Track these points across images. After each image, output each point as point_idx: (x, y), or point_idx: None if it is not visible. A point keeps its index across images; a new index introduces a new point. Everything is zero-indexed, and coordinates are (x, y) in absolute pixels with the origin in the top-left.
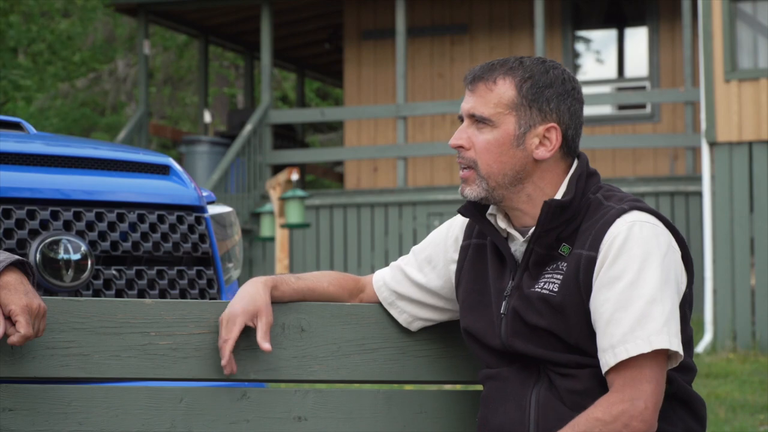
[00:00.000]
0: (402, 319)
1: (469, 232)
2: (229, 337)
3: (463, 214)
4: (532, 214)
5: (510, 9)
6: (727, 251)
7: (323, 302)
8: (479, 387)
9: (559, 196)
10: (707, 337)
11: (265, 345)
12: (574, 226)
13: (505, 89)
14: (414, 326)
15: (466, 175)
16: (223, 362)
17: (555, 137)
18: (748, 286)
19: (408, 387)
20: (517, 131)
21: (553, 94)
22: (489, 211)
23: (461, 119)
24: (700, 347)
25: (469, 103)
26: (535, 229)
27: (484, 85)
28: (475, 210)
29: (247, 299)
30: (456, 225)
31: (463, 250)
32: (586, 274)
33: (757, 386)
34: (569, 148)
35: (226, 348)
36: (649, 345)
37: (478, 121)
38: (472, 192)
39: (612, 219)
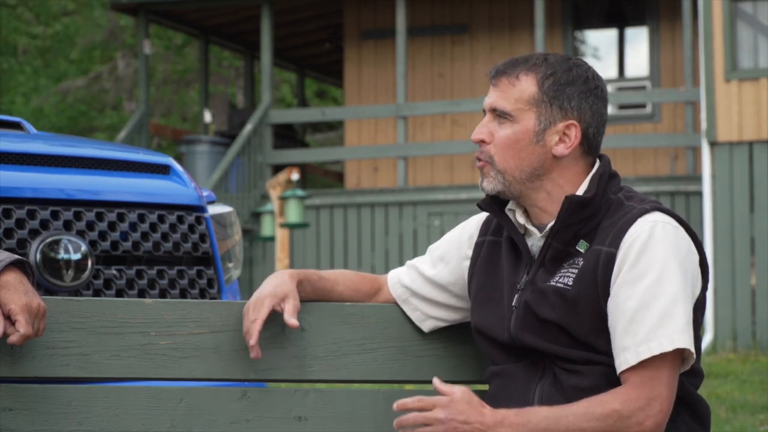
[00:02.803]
0: (415, 317)
1: (484, 230)
2: (258, 317)
3: (482, 208)
4: (551, 211)
5: (510, 9)
6: (727, 251)
7: (323, 302)
8: (480, 387)
9: (580, 193)
10: (707, 337)
11: (292, 321)
12: (593, 224)
13: (527, 85)
14: (426, 325)
15: (481, 165)
16: (252, 342)
17: (574, 134)
18: (748, 286)
19: (408, 387)
20: (536, 127)
21: (575, 92)
22: (509, 206)
23: (484, 113)
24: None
25: (491, 98)
26: (554, 224)
27: (507, 80)
28: (494, 204)
29: (275, 284)
30: (471, 223)
31: (477, 247)
32: (604, 270)
33: (758, 386)
34: (590, 147)
35: (255, 328)
36: (672, 344)
37: (499, 115)
38: (489, 185)
39: (634, 218)
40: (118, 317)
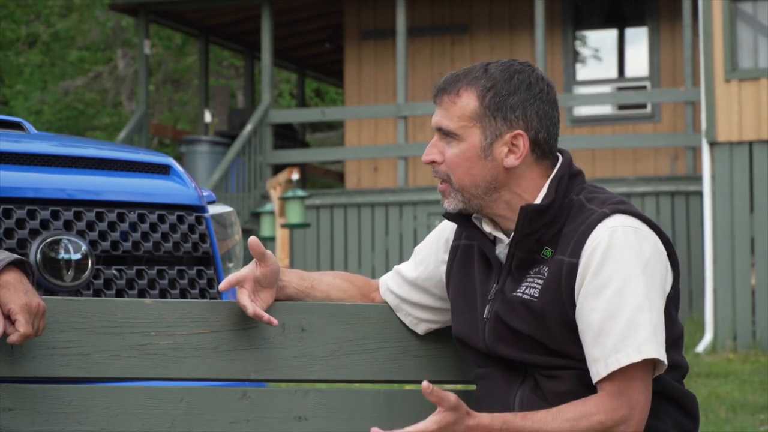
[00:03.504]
0: (408, 322)
1: (458, 233)
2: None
3: (449, 218)
4: (514, 219)
5: (510, 9)
6: (727, 251)
7: (323, 302)
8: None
9: (539, 200)
10: (707, 337)
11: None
12: (555, 229)
13: (468, 101)
14: (420, 328)
15: (442, 188)
16: (266, 318)
17: (522, 144)
18: (748, 286)
19: (408, 387)
20: (483, 142)
21: (518, 101)
22: (474, 215)
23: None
24: (700, 347)
25: (436, 117)
26: (514, 234)
27: (448, 98)
28: (460, 215)
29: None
30: (448, 226)
31: (453, 251)
32: (567, 280)
33: (758, 386)
34: (543, 152)
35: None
36: (639, 354)
37: (445, 134)
38: (450, 205)
39: (593, 224)
40: (118, 317)
